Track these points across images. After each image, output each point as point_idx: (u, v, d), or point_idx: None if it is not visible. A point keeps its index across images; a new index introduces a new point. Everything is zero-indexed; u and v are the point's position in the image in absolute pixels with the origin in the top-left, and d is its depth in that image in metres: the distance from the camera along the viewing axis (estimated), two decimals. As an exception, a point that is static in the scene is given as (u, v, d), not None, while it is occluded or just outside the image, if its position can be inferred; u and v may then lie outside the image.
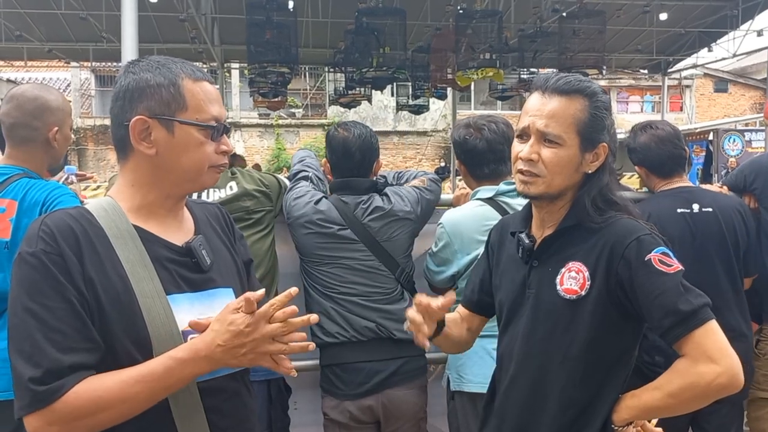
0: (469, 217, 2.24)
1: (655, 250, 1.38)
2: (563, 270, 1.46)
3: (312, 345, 1.25)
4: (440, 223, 2.29)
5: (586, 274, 1.43)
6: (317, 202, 2.30)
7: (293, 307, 1.20)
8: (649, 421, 1.47)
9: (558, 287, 1.46)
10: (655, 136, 2.51)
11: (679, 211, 2.44)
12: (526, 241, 1.54)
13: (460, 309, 1.82)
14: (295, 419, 2.51)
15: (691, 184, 2.59)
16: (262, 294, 1.20)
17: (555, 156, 1.46)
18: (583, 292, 1.43)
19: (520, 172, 1.50)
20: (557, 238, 1.51)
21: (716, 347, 1.32)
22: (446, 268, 2.28)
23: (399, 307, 2.29)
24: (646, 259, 1.37)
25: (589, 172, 1.48)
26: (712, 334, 1.33)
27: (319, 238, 2.27)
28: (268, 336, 1.17)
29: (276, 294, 2.39)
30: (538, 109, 1.47)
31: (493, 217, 2.13)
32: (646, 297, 1.36)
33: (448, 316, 1.72)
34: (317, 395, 2.39)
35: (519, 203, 2.28)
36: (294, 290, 1.21)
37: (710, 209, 2.44)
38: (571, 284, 1.45)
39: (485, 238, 1.87)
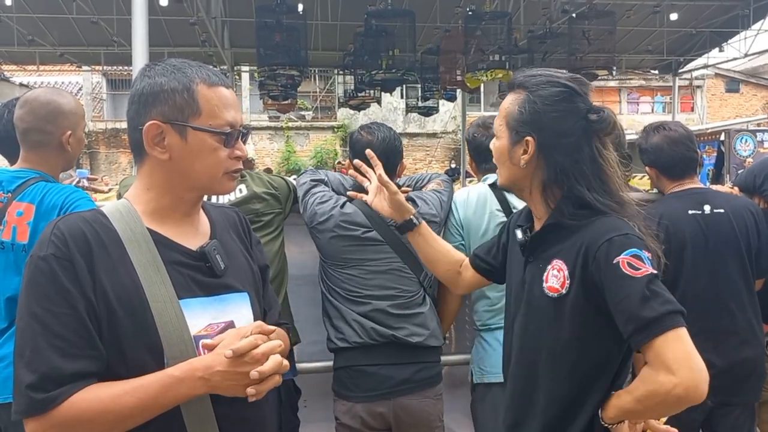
0: (466, 190, 2.50)
1: (625, 252, 1.35)
2: (548, 267, 1.47)
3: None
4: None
5: (566, 272, 1.43)
6: (342, 205, 2.29)
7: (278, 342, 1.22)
8: (659, 419, 1.47)
9: (544, 284, 1.47)
10: (668, 138, 2.49)
11: (690, 212, 2.42)
12: (519, 235, 1.57)
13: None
14: (305, 417, 2.52)
15: (702, 186, 2.58)
16: (274, 329, 1.22)
17: (494, 147, 1.57)
18: (563, 291, 1.43)
19: None
20: (544, 234, 1.52)
21: (675, 357, 1.27)
22: (455, 241, 2.42)
23: (420, 312, 2.28)
24: (614, 261, 1.34)
25: (523, 165, 1.49)
26: (673, 343, 1.28)
27: (345, 241, 2.27)
28: (269, 373, 1.17)
29: (285, 296, 2.41)
30: None
31: (484, 194, 2.40)
32: (612, 300, 1.34)
33: (442, 246, 1.93)
34: (327, 396, 2.39)
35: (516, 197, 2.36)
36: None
37: (722, 210, 2.43)
38: (553, 282, 1.45)
39: (481, 210, 2.31)
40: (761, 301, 2.50)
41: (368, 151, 1.99)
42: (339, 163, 14.59)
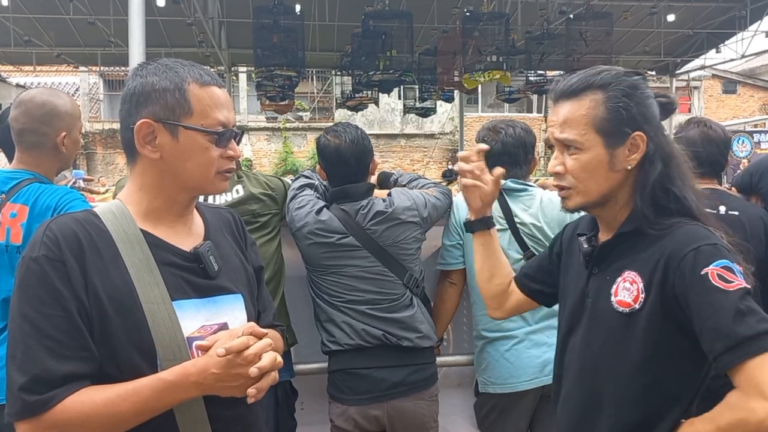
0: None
1: (714, 263, 1.22)
2: (619, 279, 1.34)
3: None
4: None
5: (641, 285, 1.30)
6: (318, 212, 2.27)
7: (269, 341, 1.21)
8: None
9: (612, 298, 1.34)
10: (705, 135, 2.47)
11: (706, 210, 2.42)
12: (585, 246, 1.44)
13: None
14: (302, 419, 2.51)
15: (719, 187, 2.56)
16: (266, 332, 1.21)
17: (578, 162, 1.37)
18: (636, 306, 1.30)
19: (556, 187, 1.43)
20: (616, 244, 1.39)
21: None
22: (453, 240, 2.45)
23: (407, 314, 2.27)
24: (702, 273, 1.21)
25: (629, 167, 1.35)
26: None
27: (321, 248, 2.26)
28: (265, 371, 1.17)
29: (282, 297, 2.40)
30: (553, 118, 1.41)
31: None
32: (699, 316, 1.21)
33: (504, 259, 1.71)
34: (325, 398, 2.38)
35: (518, 203, 2.35)
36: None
37: (737, 213, 2.42)
38: (624, 296, 1.32)
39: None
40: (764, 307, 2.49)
41: (460, 154, 1.83)
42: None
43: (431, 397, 2.32)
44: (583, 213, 1.57)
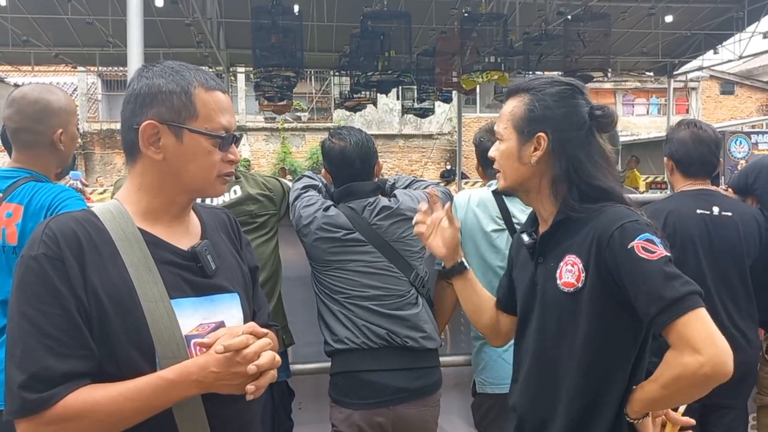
0: (467, 193, 2.52)
1: (638, 237, 1.36)
2: (561, 264, 1.48)
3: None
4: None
5: (581, 266, 1.43)
6: (326, 209, 2.28)
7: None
8: (675, 410, 1.47)
9: (558, 281, 1.48)
10: (695, 135, 2.49)
11: (698, 211, 2.43)
12: (526, 239, 1.59)
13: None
14: (299, 419, 2.51)
15: (712, 188, 2.58)
16: (266, 332, 1.22)
17: (498, 151, 1.59)
18: (579, 284, 1.43)
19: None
20: (553, 232, 1.53)
21: (700, 336, 1.27)
22: None
23: (412, 312, 2.26)
24: (629, 246, 1.35)
25: (533, 162, 1.51)
26: (696, 322, 1.28)
27: (327, 243, 2.25)
28: (265, 368, 1.18)
29: (279, 297, 2.41)
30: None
31: (485, 198, 2.42)
32: (632, 285, 1.34)
33: (485, 293, 1.80)
34: (322, 399, 2.38)
35: (517, 203, 2.37)
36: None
37: (730, 213, 2.43)
38: (568, 277, 1.46)
39: (480, 213, 2.35)
40: (759, 306, 2.50)
41: (430, 190, 1.93)
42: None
43: (435, 403, 2.30)
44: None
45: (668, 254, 1.35)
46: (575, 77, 1.63)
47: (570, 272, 1.45)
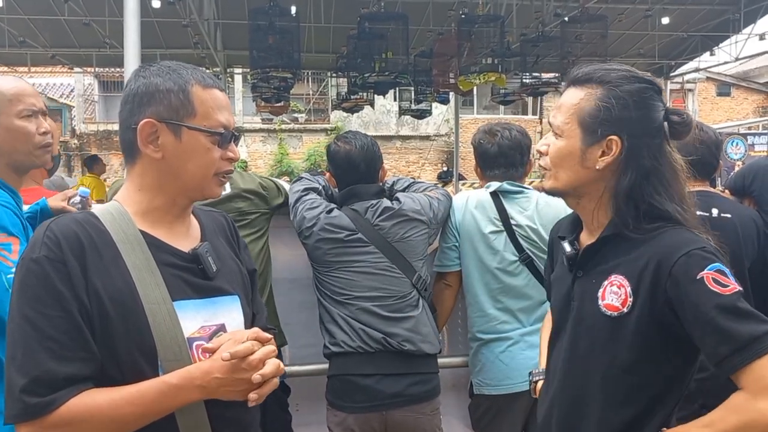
0: (466, 194, 2.52)
1: (708, 267, 1.21)
2: (605, 283, 1.33)
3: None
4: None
5: (629, 289, 1.29)
6: (329, 211, 2.30)
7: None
8: None
9: (599, 301, 1.33)
10: (696, 137, 2.49)
11: (697, 213, 2.43)
12: (568, 249, 1.43)
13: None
14: (297, 420, 2.51)
15: (712, 190, 2.57)
16: (270, 337, 1.22)
17: (554, 147, 1.38)
18: (625, 309, 1.29)
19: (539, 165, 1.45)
20: (600, 247, 1.38)
21: None
22: (449, 242, 2.46)
23: (413, 315, 2.26)
24: (697, 277, 1.20)
25: (599, 168, 1.33)
26: None
27: (329, 243, 2.26)
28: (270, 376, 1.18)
29: (271, 298, 2.41)
30: (557, 103, 1.41)
31: (483, 200, 2.39)
32: (698, 321, 1.20)
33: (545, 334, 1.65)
34: (319, 400, 2.38)
35: (514, 205, 2.35)
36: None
37: (729, 215, 2.43)
38: (612, 299, 1.31)
39: (478, 215, 2.34)
40: (756, 307, 2.50)
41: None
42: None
43: (433, 411, 2.28)
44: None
45: (741, 289, 1.22)
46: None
47: (615, 294, 1.31)
